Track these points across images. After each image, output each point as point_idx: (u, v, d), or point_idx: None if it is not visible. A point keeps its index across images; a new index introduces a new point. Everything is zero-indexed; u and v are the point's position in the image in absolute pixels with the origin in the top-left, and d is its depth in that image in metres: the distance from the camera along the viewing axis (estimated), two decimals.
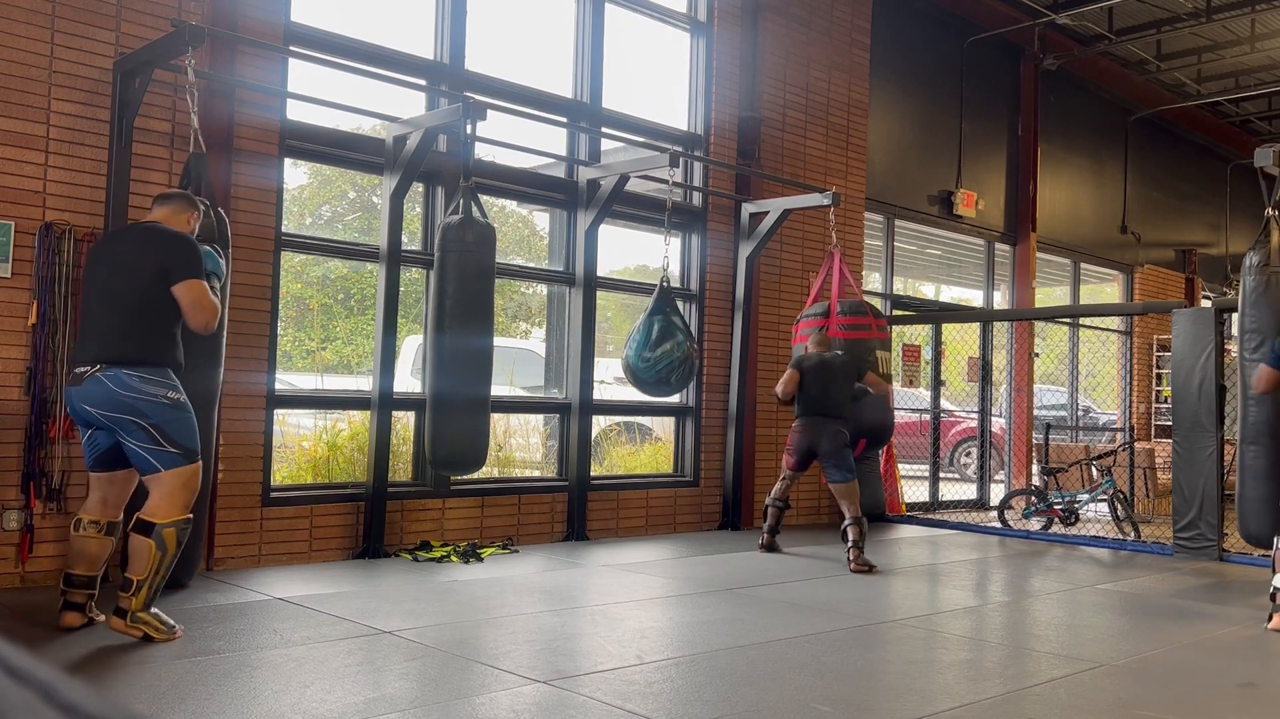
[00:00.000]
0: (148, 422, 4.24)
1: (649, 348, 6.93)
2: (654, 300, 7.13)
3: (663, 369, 6.95)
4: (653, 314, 7.06)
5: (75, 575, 4.45)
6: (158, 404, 4.27)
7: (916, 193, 11.28)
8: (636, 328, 7.10)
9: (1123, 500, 9.30)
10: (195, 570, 5.58)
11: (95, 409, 4.26)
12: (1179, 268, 15.65)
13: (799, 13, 9.44)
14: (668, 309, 7.10)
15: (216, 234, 5.32)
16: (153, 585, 4.26)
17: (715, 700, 3.71)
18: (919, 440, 11.48)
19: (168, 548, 4.27)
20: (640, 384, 7.12)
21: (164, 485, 4.28)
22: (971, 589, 6.62)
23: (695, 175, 8.85)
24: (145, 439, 4.24)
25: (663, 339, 6.95)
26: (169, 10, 5.88)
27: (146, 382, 4.27)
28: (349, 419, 7.12)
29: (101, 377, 4.25)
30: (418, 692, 3.73)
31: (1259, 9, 11.52)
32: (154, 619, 4.28)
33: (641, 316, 7.15)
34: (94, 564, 4.48)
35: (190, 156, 5.41)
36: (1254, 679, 4.31)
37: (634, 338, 7.07)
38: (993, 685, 4.09)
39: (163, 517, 4.25)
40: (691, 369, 7.11)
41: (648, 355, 6.93)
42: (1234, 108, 15.68)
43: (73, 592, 4.44)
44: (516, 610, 5.19)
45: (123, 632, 4.22)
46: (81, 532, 4.45)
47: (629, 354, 7.05)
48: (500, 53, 7.77)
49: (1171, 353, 8.18)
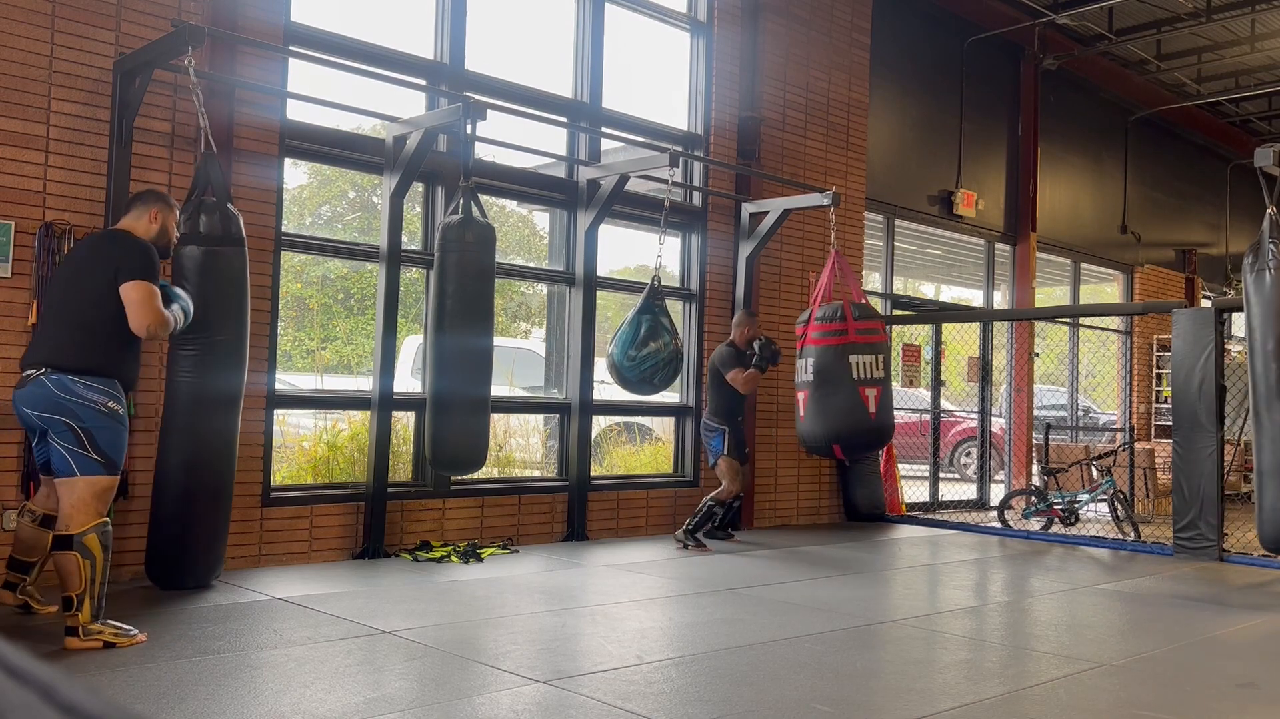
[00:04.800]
0: (78, 424, 4.23)
1: (635, 346, 6.86)
2: (644, 298, 7.05)
3: (647, 369, 6.88)
4: (641, 312, 6.98)
5: (13, 558, 4.69)
6: (93, 410, 4.25)
7: (916, 193, 11.28)
8: (624, 325, 7.01)
9: (1123, 500, 9.30)
10: (219, 571, 5.59)
11: (31, 410, 4.27)
12: (1179, 268, 15.65)
13: (799, 13, 9.44)
14: (657, 309, 7.03)
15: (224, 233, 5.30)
16: (94, 595, 4.19)
17: (715, 700, 3.71)
18: (919, 440, 11.48)
19: (94, 554, 4.20)
20: (623, 382, 7.05)
21: (76, 492, 4.23)
22: (971, 589, 6.62)
23: (695, 175, 8.85)
24: (71, 441, 4.22)
25: (650, 338, 6.88)
26: (169, 10, 5.88)
27: (89, 388, 4.26)
28: (349, 419, 7.12)
29: (45, 379, 4.25)
30: (418, 692, 3.73)
31: (1259, 9, 11.51)
32: (109, 627, 4.22)
33: (630, 314, 7.06)
34: (28, 551, 4.66)
35: (202, 156, 5.41)
36: (1254, 679, 4.31)
37: (620, 335, 6.98)
38: (993, 685, 4.09)
39: (78, 526, 4.20)
40: (676, 370, 7.06)
41: (633, 354, 6.86)
42: (1234, 108, 15.68)
43: (10, 574, 4.69)
44: (516, 610, 5.19)
45: (82, 648, 4.14)
46: (22, 517, 4.69)
47: (614, 351, 6.96)
48: (500, 53, 7.77)
49: (1171, 353, 8.18)
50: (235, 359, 5.38)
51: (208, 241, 5.28)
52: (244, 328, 5.43)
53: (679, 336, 7.16)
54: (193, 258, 5.27)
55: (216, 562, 5.50)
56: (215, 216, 5.30)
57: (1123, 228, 14.43)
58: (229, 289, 5.34)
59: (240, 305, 5.41)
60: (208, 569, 5.43)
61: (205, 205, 5.33)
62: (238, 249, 5.38)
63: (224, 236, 5.31)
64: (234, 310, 5.37)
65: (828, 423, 7.20)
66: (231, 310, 5.35)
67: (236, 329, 5.38)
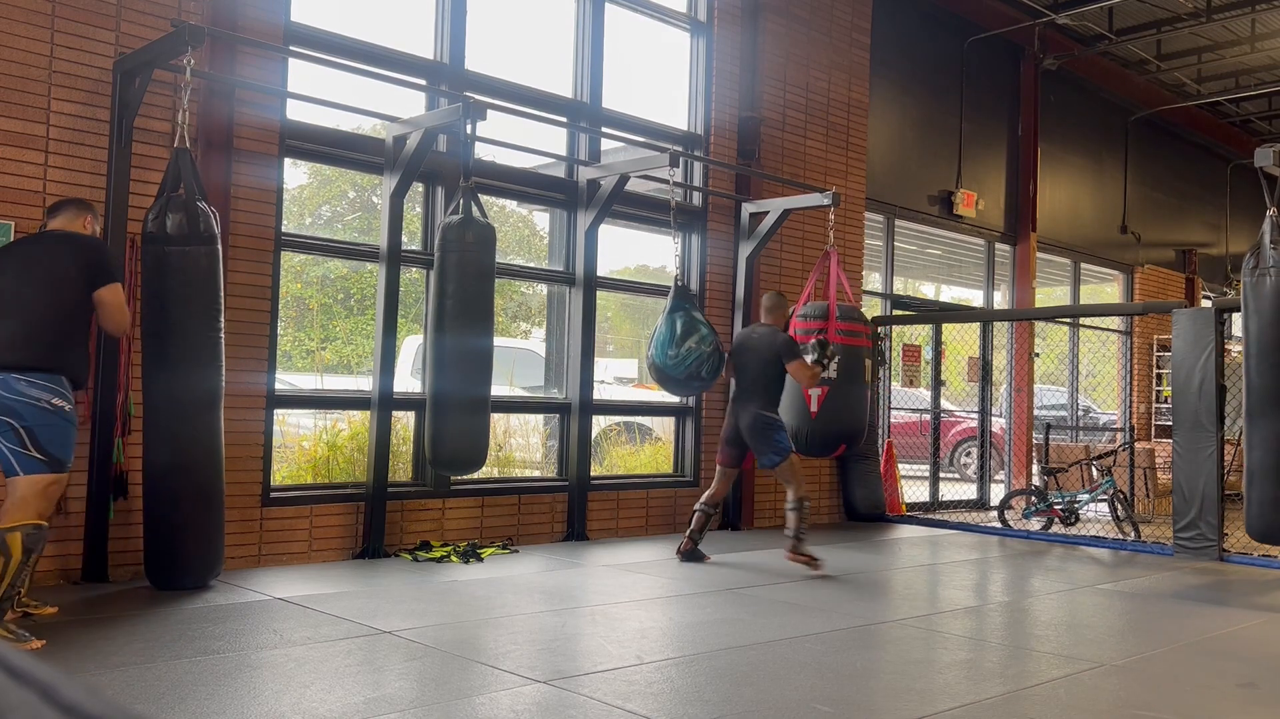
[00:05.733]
0: (20, 423, 4.20)
1: (673, 344, 6.79)
2: (671, 298, 6.99)
3: (692, 364, 6.79)
4: (673, 312, 6.91)
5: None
6: (36, 408, 4.23)
7: (916, 193, 11.28)
8: (658, 327, 6.95)
9: (1123, 500, 9.30)
10: (219, 572, 5.58)
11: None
12: (1179, 268, 15.65)
13: (799, 13, 9.44)
14: (687, 305, 6.97)
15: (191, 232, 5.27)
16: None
17: (715, 700, 3.71)
18: (919, 440, 11.48)
19: (12, 554, 4.06)
20: (669, 383, 6.95)
21: (18, 491, 4.20)
22: (971, 589, 6.62)
23: (695, 175, 8.85)
24: (13, 440, 4.20)
25: (687, 335, 6.83)
26: (169, 10, 5.88)
27: (33, 386, 4.24)
28: (349, 419, 7.12)
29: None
30: (418, 692, 3.73)
31: (1259, 9, 11.52)
32: (3, 630, 4.10)
33: (661, 316, 6.99)
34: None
35: (174, 151, 5.39)
36: (1254, 679, 4.31)
37: (656, 337, 6.90)
38: (993, 685, 4.09)
39: (9, 521, 4.12)
40: (721, 361, 6.92)
41: (673, 353, 6.77)
42: (1234, 108, 15.68)
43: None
44: (516, 610, 5.19)
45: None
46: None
47: (653, 354, 6.87)
48: (500, 53, 7.77)
49: (1171, 353, 8.18)
50: (208, 359, 5.34)
51: (176, 241, 5.25)
52: (216, 327, 5.38)
53: (714, 329, 7.05)
54: (159, 257, 5.25)
55: (214, 562, 5.48)
56: (183, 215, 5.26)
57: (1123, 228, 14.43)
58: (198, 288, 5.30)
59: (211, 304, 5.35)
60: (205, 569, 5.42)
61: (173, 202, 5.29)
62: (209, 248, 5.32)
63: (192, 235, 5.26)
64: (204, 310, 5.32)
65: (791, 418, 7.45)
66: (200, 310, 5.31)
67: (207, 329, 5.33)
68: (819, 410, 7.57)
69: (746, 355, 6.86)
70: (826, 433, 7.67)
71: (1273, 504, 6.01)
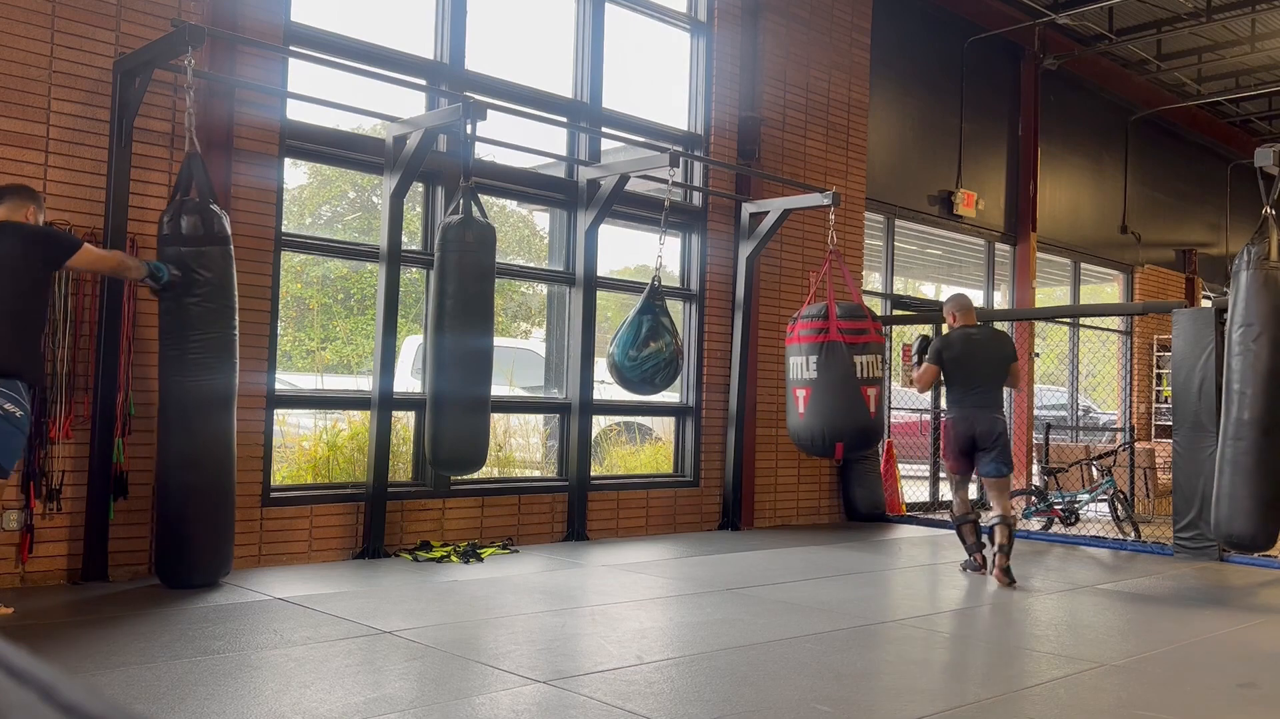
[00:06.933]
0: None
1: (636, 346, 6.80)
2: (644, 298, 6.98)
3: (649, 369, 6.83)
4: (642, 312, 6.91)
5: None
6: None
7: (916, 193, 11.28)
8: (624, 325, 6.95)
9: (1123, 500, 9.30)
10: (228, 570, 5.59)
11: None
12: (1179, 268, 15.65)
13: (799, 13, 9.44)
14: (657, 308, 6.96)
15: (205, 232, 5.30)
16: None
17: (715, 700, 3.71)
18: (919, 440, 11.48)
19: None
20: (624, 382, 6.98)
21: None
22: (971, 589, 6.62)
23: (695, 175, 8.85)
24: None
25: (651, 338, 6.84)
26: (169, 10, 5.88)
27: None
28: (349, 419, 7.12)
29: None
30: (418, 692, 3.73)
31: (1259, 9, 11.52)
32: None
33: (630, 314, 6.99)
34: None
35: (186, 156, 5.42)
36: (1254, 679, 4.31)
37: (621, 335, 6.90)
38: (993, 685, 4.09)
39: None
40: (677, 370, 6.98)
41: (634, 354, 6.79)
42: (1234, 108, 15.68)
43: None
44: (516, 610, 5.19)
45: None
46: None
47: (614, 351, 6.89)
48: (500, 53, 7.77)
49: (1171, 353, 8.18)
50: (224, 358, 5.38)
51: (191, 242, 5.29)
52: (231, 327, 5.42)
53: (679, 336, 7.12)
54: (176, 258, 5.29)
55: (224, 561, 5.49)
56: (198, 216, 5.31)
57: (1123, 228, 14.44)
58: (214, 288, 5.34)
59: (226, 304, 5.40)
60: (215, 568, 5.44)
61: (188, 205, 5.34)
62: (223, 248, 5.38)
63: (207, 236, 5.30)
64: (219, 310, 5.36)
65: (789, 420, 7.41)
66: (216, 310, 5.35)
67: (222, 328, 5.37)
68: (804, 412, 7.45)
69: (975, 360, 6.68)
70: (809, 429, 7.61)
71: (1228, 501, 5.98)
